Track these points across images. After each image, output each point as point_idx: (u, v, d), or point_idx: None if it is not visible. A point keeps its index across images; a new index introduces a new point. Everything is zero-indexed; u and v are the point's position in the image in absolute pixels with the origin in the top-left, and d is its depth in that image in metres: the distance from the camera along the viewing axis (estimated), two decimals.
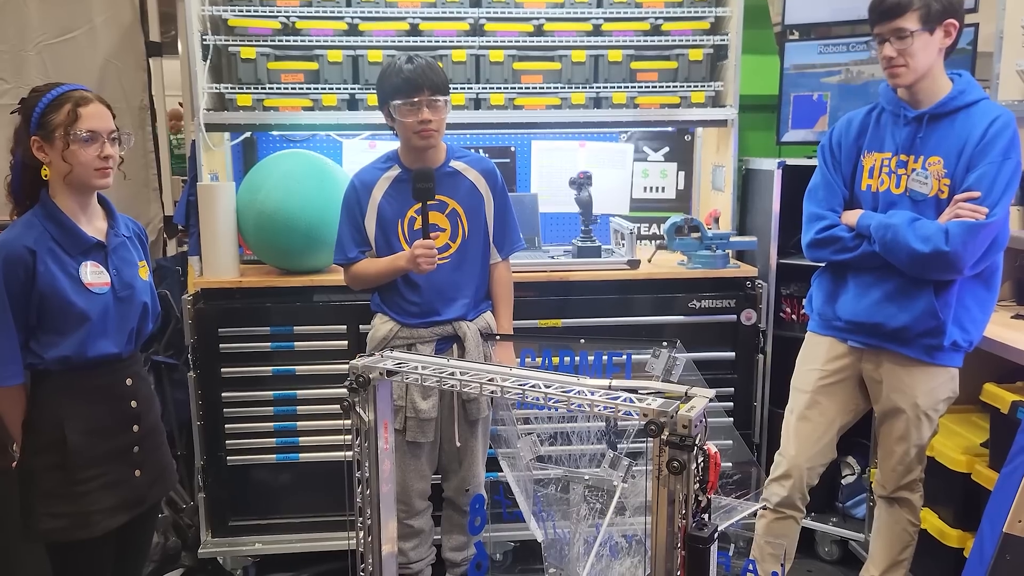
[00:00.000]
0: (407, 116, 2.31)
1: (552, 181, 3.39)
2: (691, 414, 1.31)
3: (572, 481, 1.99)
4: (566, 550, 2.04)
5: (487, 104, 3.09)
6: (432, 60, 2.35)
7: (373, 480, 1.71)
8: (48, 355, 1.89)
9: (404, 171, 2.43)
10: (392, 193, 2.44)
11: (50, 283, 1.86)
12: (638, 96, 3.15)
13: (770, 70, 3.41)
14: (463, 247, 2.46)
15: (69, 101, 1.87)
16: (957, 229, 2.09)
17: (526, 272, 2.94)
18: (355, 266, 2.48)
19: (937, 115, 2.20)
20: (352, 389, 1.65)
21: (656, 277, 3.02)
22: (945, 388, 2.31)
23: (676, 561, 1.36)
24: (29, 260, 1.85)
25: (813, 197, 2.38)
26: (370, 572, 1.75)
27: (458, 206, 2.45)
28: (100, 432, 1.96)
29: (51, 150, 1.87)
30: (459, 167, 2.47)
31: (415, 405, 2.42)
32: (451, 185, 2.44)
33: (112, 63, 3.15)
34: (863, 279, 2.29)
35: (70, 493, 1.92)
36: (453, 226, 2.45)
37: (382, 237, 2.45)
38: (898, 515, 2.43)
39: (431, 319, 2.44)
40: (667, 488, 1.34)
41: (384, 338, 2.44)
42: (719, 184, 3.32)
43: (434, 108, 2.31)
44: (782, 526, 2.46)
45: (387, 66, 2.36)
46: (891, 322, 2.24)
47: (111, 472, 1.97)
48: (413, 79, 2.28)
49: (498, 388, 1.52)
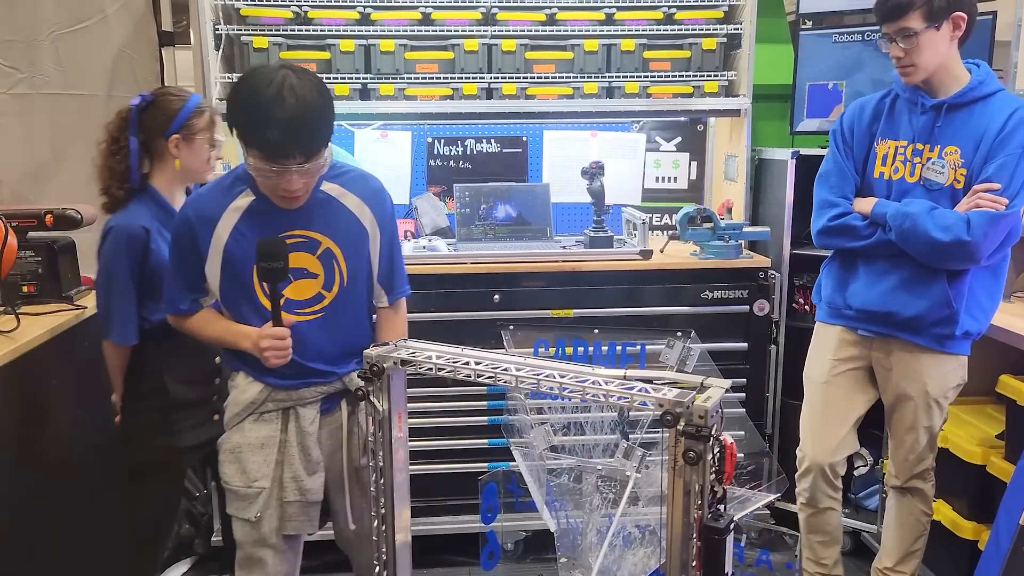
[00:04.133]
0: (268, 178, 1.74)
1: (564, 171, 3.38)
2: (707, 404, 1.31)
3: (585, 471, 1.99)
4: (579, 540, 2.04)
5: (499, 94, 3.08)
6: (311, 100, 1.69)
7: (387, 469, 1.71)
8: (153, 318, 2.18)
9: (260, 200, 1.83)
10: (244, 230, 1.82)
11: (159, 257, 2.14)
12: (651, 85, 3.13)
13: (784, 59, 3.38)
14: (340, 297, 1.89)
15: (208, 110, 2.24)
16: (979, 219, 2.07)
17: (537, 262, 2.94)
18: (187, 321, 1.94)
19: (956, 105, 2.18)
20: (366, 378, 1.65)
21: (668, 267, 3.00)
22: (955, 375, 2.31)
23: (691, 552, 1.36)
24: (144, 238, 2.15)
25: (825, 183, 2.36)
26: (384, 561, 1.76)
27: (333, 245, 1.86)
28: (191, 382, 2.27)
29: (188, 149, 2.19)
30: (333, 191, 1.88)
31: (300, 484, 1.89)
32: (324, 217, 1.86)
33: (125, 53, 3.15)
34: (875, 267, 2.28)
35: (165, 431, 2.25)
36: (327, 271, 1.87)
37: (232, 288, 1.86)
38: (911, 505, 2.42)
39: (310, 379, 1.91)
40: (682, 479, 1.33)
41: (252, 402, 1.89)
42: (732, 174, 3.31)
43: (306, 173, 1.74)
44: (818, 520, 2.47)
45: (248, 93, 1.69)
46: (904, 311, 2.23)
47: (197, 416, 2.27)
48: (281, 144, 1.67)
49: (513, 378, 1.51)
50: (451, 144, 3.39)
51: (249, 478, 1.90)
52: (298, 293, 1.87)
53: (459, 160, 3.41)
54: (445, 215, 3.31)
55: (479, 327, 2.82)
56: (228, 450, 1.93)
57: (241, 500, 1.91)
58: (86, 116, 3.12)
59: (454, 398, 2.88)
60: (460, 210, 3.17)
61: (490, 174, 3.37)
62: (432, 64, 3.06)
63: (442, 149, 3.40)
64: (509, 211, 3.21)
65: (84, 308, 2.49)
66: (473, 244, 3.11)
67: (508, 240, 3.16)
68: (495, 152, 3.42)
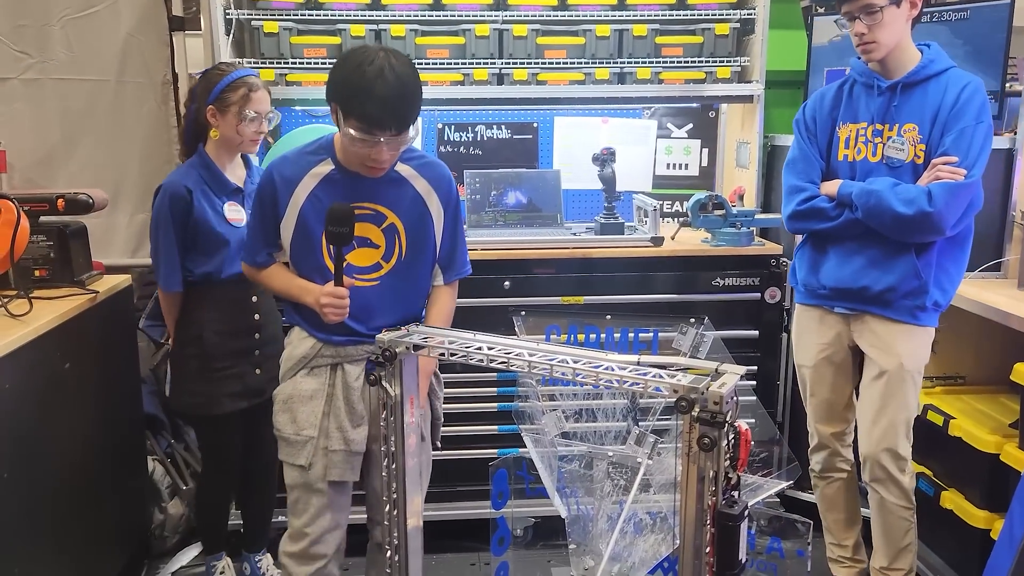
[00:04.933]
0: (360, 147, 1.88)
1: (575, 157, 3.36)
2: (723, 390, 1.30)
3: (596, 458, 1.98)
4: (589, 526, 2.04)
5: (510, 79, 3.07)
6: (409, 78, 1.86)
7: (399, 454, 1.71)
8: (196, 271, 2.41)
9: (338, 169, 1.99)
10: (320, 195, 1.98)
11: (202, 215, 2.37)
12: (663, 71, 3.11)
13: (797, 45, 3.35)
14: (397, 269, 2.04)
15: (244, 85, 2.37)
16: (939, 190, 2.15)
17: (548, 249, 2.93)
18: (261, 273, 2.10)
19: (910, 83, 2.26)
20: (378, 363, 1.65)
21: (679, 254, 2.99)
22: (926, 350, 2.36)
23: (705, 538, 1.35)
24: (187, 196, 2.36)
25: (792, 170, 2.44)
26: (395, 545, 1.76)
27: (398, 221, 2.02)
28: (229, 334, 2.46)
29: (222, 120, 2.37)
30: (405, 172, 2.03)
31: (345, 434, 2.02)
32: (393, 194, 2.01)
33: (135, 38, 3.14)
34: (845, 247, 2.35)
35: (204, 378, 2.46)
36: (388, 243, 2.03)
37: (302, 246, 2.01)
38: (889, 501, 2.39)
39: (358, 337, 2.04)
40: (697, 465, 1.33)
41: (304, 357, 2.04)
42: (744, 161, 3.29)
43: (394, 146, 1.90)
44: (832, 489, 2.58)
45: (352, 68, 1.84)
46: (876, 285, 2.29)
47: (236, 366, 2.48)
48: (379, 116, 1.83)
49: (526, 363, 1.51)
50: (462, 130, 3.38)
51: (298, 427, 2.04)
52: (359, 260, 2.02)
53: (470, 146, 3.39)
54: None
55: (489, 314, 2.82)
56: (281, 400, 2.08)
57: (291, 447, 2.05)
58: (96, 101, 3.12)
59: (465, 384, 2.88)
60: (471, 196, 3.16)
61: (501, 160, 3.36)
62: (443, 49, 3.05)
63: (453, 135, 3.38)
64: (520, 198, 3.20)
65: (96, 292, 2.50)
66: (484, 231, 3.10)
67: (519, 227, 3.15)
68: (506, 138, 3.40)
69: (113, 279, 2.68)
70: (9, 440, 2.02)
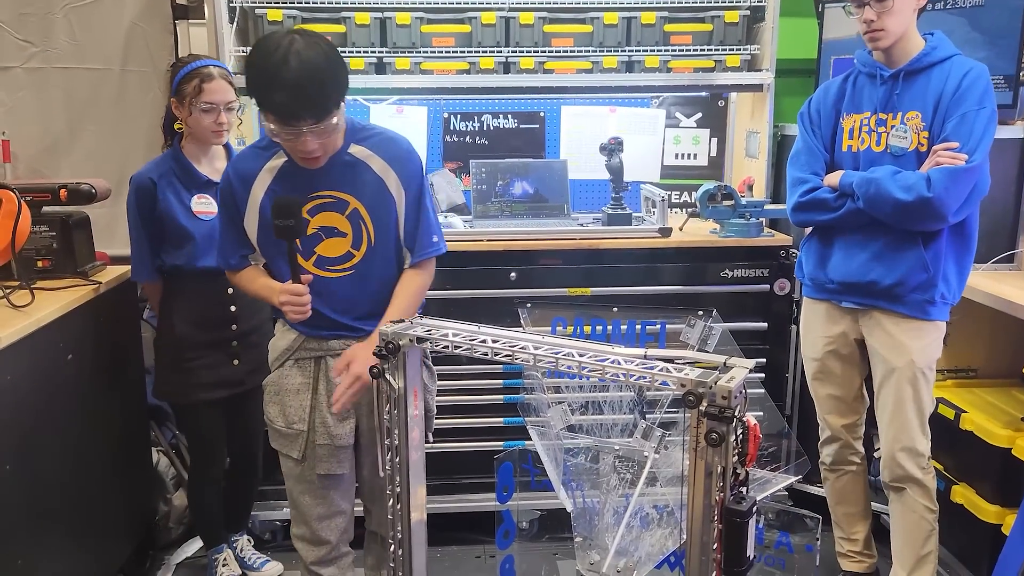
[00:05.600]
0: (284, 140, 1.81)
1: (582, 147, 3.33)
2: (731, 385, 1.27)
3: (602, 451, 1.96)
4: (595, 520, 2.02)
5: (516, 68, 3.03)
6: (317, 61, 1.73)
7: (402, 447, 1.69)
8: (168, 262, 2.46)
9: (292, 161, 1.92)
10: (277, 189, 1.93)
11: (166, 207, 2.41)
12: (671, 59, 3.07)
13: (808, 33, 3.31)
14: (369, 255, 1.97)
15: (197, 76, 2.37)
16: (938, 175, 2.12)
17: (554, 239, 2.90)
18: (236, 276, 2.08)
19: (912, 71, 2.24)
20: (381, 356, 1.63)
21: (688, 245, 2.96)
22: (937, 345, 2.33)
23: (712, 534, 1.33)
24: (151, 188, 2.40)
25: (795, 162, 2.42)
26: (399, 539, 1.75)
27: (360, 205, 1.94)
28: (201, 325, 2.49)
29: (182, 111, 2.41)
30: (360, 154, 1.94)
31: (328, 429, 2.00)
32: (351, 178, 1.93)
33: (138, 26, 3.12)
34: (850, 239, 2.33)
35: (177, 368, 2.50)
36: (355, 230, 1.95)
37: (268, 242, 1.96)
38: (912, 503, 2.36)
39: (339, 332, 2.01)
40: (704, 460, 1.31)
41: (287, 349, 2.03)
42: (753, 151, 3.25)
43: (319, 134, 1.80)
44: (843, 482, 2.57)
45: (259, 58, 1.75)
46: (884, 280, 2.27)
47: (210, 356, 2.51)
48: (289, 107, 1.73)
49: (531, 356, 1.48)
50: (467, 119, 3.35)
51: (288, 420, 2.03)
52: (329, 251, 1.96)
53: (476, 136, 3.36)
54: (461, 192, 3.28)
55: (495, 305, 2.79)
56: (272, 392, 2.07)
57: (284, 438, 2.05)
58: (100, 90, 3.10)
59: (470, 376, 2.86)
60: (476, 187, 3.13)
61: (507, 150, 3.33)
62: (449, 37, 3.01)
63: (458, 125, 3.35)
64: (526, 188, 3.17)
65: (99, 283, 2.48)
66: (489, 221, 3.07)
67: (525, 217, 3.13)
68: (512, 128, 3.37)
69: (117, 269, 2.66)
70: (11, 432, 2.01)
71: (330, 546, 2.11)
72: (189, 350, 2.49)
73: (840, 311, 2.41)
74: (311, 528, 2.09)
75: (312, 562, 2.12)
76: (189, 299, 2.49)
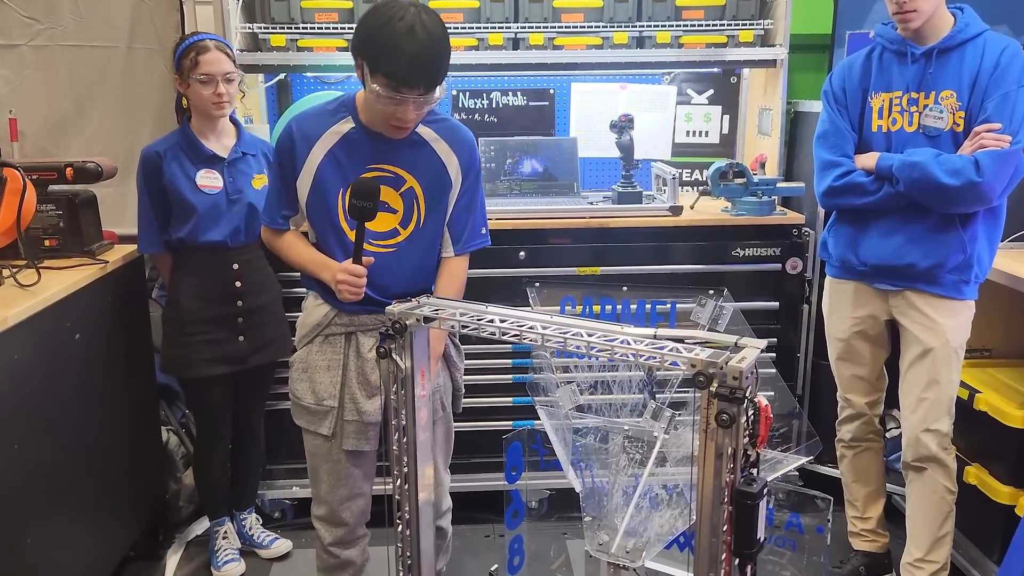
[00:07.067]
0: (385, 105, 1.81)
1: (592, 125, 3.29)
2: (742, 365, 1.25)
3: (611, 431, 1.94)
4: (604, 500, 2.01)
5: (526, 44, 2.99)
6: (439, 36, 1.78)
7: (410, 427, 1.68)
8: (174, 235, 2.49)
9: (358, 128, 1.93)
10: (338, 154, 1.93)
11: (171, 181, 2.45)
12: (683, 35, 3.02)
13: (822, 7, 3.25)
14: (414, 236, 1.99)
15: (193, 49, 2.41)
16: (987, 159, 2.08)
17: (564, 218, 2.88)
18: (279, 240, 2.05)
19: (946, 49, 2.19)
20: (388, 336, 1.62)
21: (699, 224, 2.93)
22: (969, 324, 2.31)
23: (722, 516, 1.31)
24: (157, 161, 2.45)
25: (823, 144, 2.36)
26: (407, 520, 1.74)
27: (417, 185, 1.96)
28: (205, 300, 2.51)
29: (183, 86, 2.45)
30: (426, 135, 1.96)
31: (358, 406, 2.02)
32: (413, 157, 1.95)
33: (144, 3, 3.09)
34: (885, 222, 2.28)
35: (180, 342, 2.53)
36: (407, 209, 1.97)
37: (318, 205, 1.96)
38: (932, 483, 2.35)
39: (373, 306, 2.00)
40: (714, 441, 1.29)
41: (318, 324, 2.02)
42: (766, 128, 3.20)
43: (420, 105, 1.84)
44: (862, 459, 2.57)
45: (382, 23, 1.76)
46: (922, 262, 2.24)
47: (213, 332, 2.53)
48: (408, 74, 1.76)
49: (539, 336, 1.47)
50: (476, 97, 3.31)
51: (318, 397, 2.03)
52: (376, 225, 1.93)
53: (484, 113, 3.33)
54: None
55: (504, 284, 2.78)
56: (300, 368, 2.06)
57: (312, 415, 2.05)
58: (107, 68, 3.08)
59: (479, 355, 2.84)
60: (485, 165, 3.10)
61: (516, 128, 3.29)
62: (457, 13, 2.97)
63: (467, 102, 3.32)
64: (535, 166, 3.14)
65: (106, 263, 2.47)
66: (498, 200, 3.04)
67: (534, 196, 3.10)
68: (521, 105, 3.33)
69: (124, 249, 2.66)
70: (20, 411, 2.02)
71: (348, 528, 2.12)
72: (194, 325, 2.51)
73: (870, 292, 2.38)
74: (331, 508, 2.09)
75: (330, 543, 2.12)
76: (194, 273, 2.52)
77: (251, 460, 2.84)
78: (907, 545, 2.45)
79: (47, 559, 2.12)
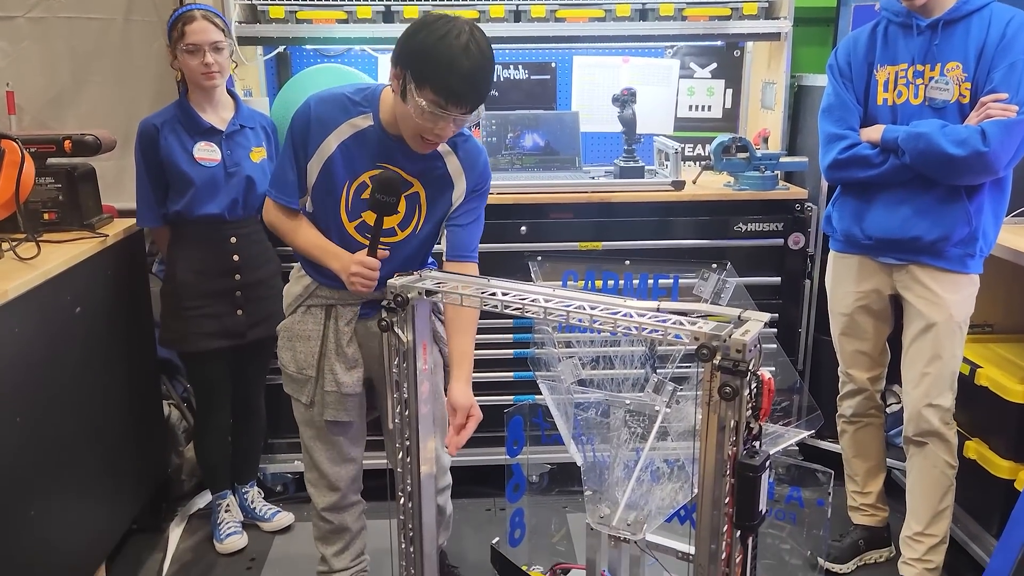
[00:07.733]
0: (426, 120, 1.77)
1: (594, 98, 3.27)
2: (745, 338, 1.25)
3: (613, 405, 1.94)
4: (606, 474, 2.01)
5: (527, 16, 2.96)
6: (489, 56, 1.77)
7: (412, 401, 1.68)
8: (171, 208, 2.48)
9: (376, 128, 1.91)
10: (351, 147, 1.91)
11: (168, 153, 2.44)
12: (686, 7, 2.99)
13: None
14: (410, 239, 2.00)
15: (180, 20, 2.40)
16: (993, 129, 2.07)
17: (565, 193, 2.86)
18: (287, 219, 1.99)
19: (951, 20, 2.17)
20: (390, 309, 1.61)
21: (701, 199, 2.91)
22: (973, 299, 2.30)
23: (724, 488, 1.31)
24: (154, 134, 2.44)
25: (829, 117, 2.34)
26: (408, 492, 1.75)
27: (422, 190, 1.96)
28: (202, 273, 2.52)
29: (175, 59, 2.44)
30: (440, 148, 1.95)
31: (336, 377, 2.03)
32: (423, 164, 1.94)
33: None
34: (891, 195, 2.27)
35: (177, 315, 2.54)
36: (408, 212, 1.97)
37: (323, 194, 1.95)
38: (933, 457, 2.35)
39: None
40: (717, 414, 1.29)
41: (299, 295, 2.04)
42: (769, 102, 3.18)
43: (461, 122, 1.83)
44: (863, 434, 2.58)
45: (436, 38, 1.72)
46: (927, 235, 2.23)
47: (211, 306, 2.53)
48: (460, 92, 1.74)
49: (542, 310, 1.46)
50: None
51: (299, 366, 2.06)
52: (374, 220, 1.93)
53: None
54: None
55: (505, 259, 2.76)
56: (285, 337, 2.09)
57: (295, 383, 2.08)
58: (104, 40, 3.05)
59: (480, 330, 2.82)
60: (486, 139, 3.08)
61: (517, 101, 3.27)
62: None
63: None
64: (537, 140, 3.12)
65: (106, 236, 2.46)
66: (500, 174, 3.02)
67: (536, 170, 3.08)
68: (523, 79, 3.31)
69: (124, 223, 2.65)
70: (22, 384, 2.02)
71: (340, 493, 2.15)
72: (192, 299, 2.51)
73: (875, 266, 2.37)
74: (321, 471, 2.13)
75: (323, 508, 2.16)
76: (191, 247, 2.52)
77: (252, 434, 2.85)
78: (907, 519, 2.47)
79: (50, 533, 2.13)
